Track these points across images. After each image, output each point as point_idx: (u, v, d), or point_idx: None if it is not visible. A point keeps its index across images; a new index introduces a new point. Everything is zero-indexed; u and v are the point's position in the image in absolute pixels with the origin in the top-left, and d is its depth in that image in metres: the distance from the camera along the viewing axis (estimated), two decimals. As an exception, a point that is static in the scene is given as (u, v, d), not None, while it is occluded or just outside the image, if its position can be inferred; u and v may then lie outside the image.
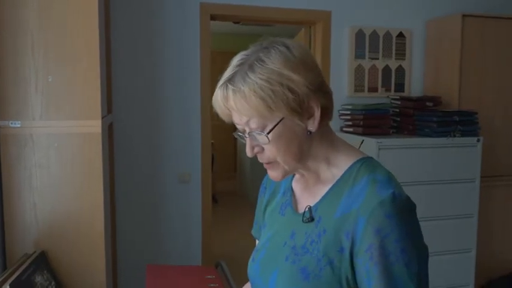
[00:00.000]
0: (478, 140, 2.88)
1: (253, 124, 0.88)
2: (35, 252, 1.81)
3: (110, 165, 2.69)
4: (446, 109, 3.02)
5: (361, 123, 2.91)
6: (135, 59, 2.82)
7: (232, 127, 0.95)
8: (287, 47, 0.88)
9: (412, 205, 0.86)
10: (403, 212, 0.83)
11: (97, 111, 1.87)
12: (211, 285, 1.57)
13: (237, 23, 5.00)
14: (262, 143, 0.90)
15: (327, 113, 0.92)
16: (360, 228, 0.83)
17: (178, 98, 2.91)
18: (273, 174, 0.95)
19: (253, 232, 1.17)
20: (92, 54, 1.85)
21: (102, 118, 1.91)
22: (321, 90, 0.90)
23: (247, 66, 0.87)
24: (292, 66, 0.86)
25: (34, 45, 1.80)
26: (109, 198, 2.09)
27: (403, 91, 3.36)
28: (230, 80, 0.87)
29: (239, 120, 0.90)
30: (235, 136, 0.97)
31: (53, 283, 1.75)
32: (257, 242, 1.16)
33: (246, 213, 5.56)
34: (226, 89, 0.87)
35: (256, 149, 0.92)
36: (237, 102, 0.86)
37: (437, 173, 2.82)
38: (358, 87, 3.26)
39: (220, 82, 0.89)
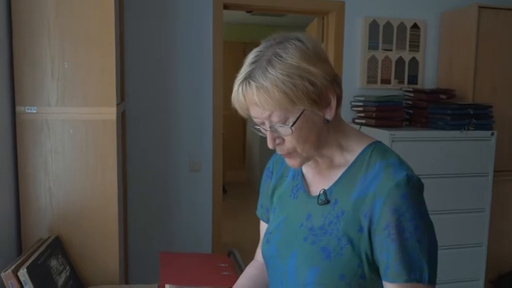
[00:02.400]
0: (492, 134, 2.86)
1: (275, 117, 0.91)
2: (49, 237, 1.83)
3: (122, 153, 2.70)
4: (460, 102, 2.99)
5: (374, 115, 2.90)
6: (148, 47, 2.82)
7: (242, 118, 0.97)
8: (301, 41, 0.92)
9: (422, 185, 0.94)
10: (415, 192, 0.92)
11: (112, 99, 1.88)
12: (225, 273, 1.58)
13: (250, 12, 4.98)
14: (284, 134, 0.94)
15: (340, 101, 0.97)
16: (377, 208, 0.91)
17: (190, 87, 2.92)
18: (292, 162, 1.00)
19: (258, 213, 1.23)
20: (107, 41, 1.85)
21: (117, 105, 1.92)
22: (335, 80, 0.96)
23: (265, 61, 0.90)
24: (309, 60, 0.90)
25: (50, 32, 1.81)
26: (122, 185, 2.10)
27: (416, 83, 3.33)
28: (250, 76, 0.90)
29: (260, 115, 0.93)
30: (253, 130, 1.00)
31: (67, 268, 1.78)
32: (261, 222, 1.22)
33: (255, 203, 5.57)
34: (248, 85, 0.90)
35: (277, 141, 0.96)
36: (260, 98, 0.89)
37: (450, 166, 2.80)
38: (370, 79, 3.24)
39: (240, 79, 0.92)
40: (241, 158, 7.16)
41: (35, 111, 1.83)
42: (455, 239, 2.77)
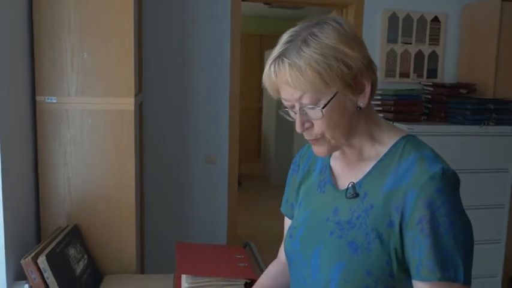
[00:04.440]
0: (513, 129, 2.80)
1: (306, 99, 0.88)
2: (68, 226, 1.85)
3: (140, 144, 2.72)
4: (480, 97, 2.94)
5: (392, 108, 2.87)
6: (166, 39, 2.83)
7: (258, 110, 0.95)
8: (339, 23, 0.89)
9: (458, 180, 0.89)
10: (451, 186, 0.86)
11: (130, 89, 1.89)
12: (241, 264, 1.58)
13: (268, 4, 4.95)
14: (313, 118, 0.91)
15: (374, 89, 0.93)
16: (410, 202, 0.86)
17: (208, 80, 2.92)
18: (319, 149, 0.96)
19: (282, 209, 1.18)
20: (126, 32, 1.86)
21: (135, 96, 1.93)
22: (371, 66, 0.92)
23: (300, 41, 0.87)
24: (346, 42, 0.87)
25: (71, 23, 1.82)
26: (139, 176, 2.12)
27: (436, 77, 3.28)
28: (284, 54, 0.87)
29: (290, 96, 0.90)
30: (281, 113, 0.97)
31: (85, 256, 1.80)
32: (286, 219, 1.17)
33: (270, 196, 5.58)
34: (281, 63, 0.87)
35: (306, 125, 0.92)
36: (293, 76, 0.86)
37: (469, 161, 2.76)
38: (389, 72, 3.20)
39: (273, 57, 0.89)
40: (256, 150, 7.16)
41: (55, 101, 1.85)
42: (474, 235, 2.73)
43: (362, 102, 0.91)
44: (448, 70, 3.32)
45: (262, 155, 6.79)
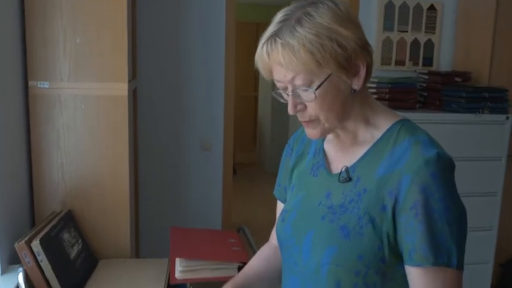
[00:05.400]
0: (507, 118, 2.81)
1: (299, 80, 0.87)
2: (62, 211, 1.85)
3: (134, 131, 2.72)
4: (476, 85, 2.94)
5: (387, 96, 2.87)
6: (160, 26, 2.81)
7: (253, 99, 0.93)
8: (334, 3, 0.87)
9: (453, 165, 0.88)
10: (446, 171, 0.86)
11: (123, 74, 1.88)
12: (235, 248, 1.59)
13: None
14: (306, 100, 0.89)
15: (369, 72, 0.91)
16: (404, 186, 0.85)
17: (203, 67, 2.90)
18: (311, 132, 0.95)
19: (275, 193, 1.17)
20: (119, 17, 1.84)
21: (129, 82, 1.92)
22: (366, 48, 0.90)
23: (294, 20, 0.85)
24: (341, 22, 0.85)
25: (63, 7, 1.80)
26: (133, 162, 2.11)
27: (431, 65, 3.27)
28: (277, 34, 0.86)
29: (283, 77, 0.88)
30: (274, 95, 0.95)
31: (79, 241, 1.80)
32: (278, 203, 1.17)
33: (265, 184, 5.59)
34: (274, 43, 0.86)
35: (299, 107, 0.91)
36: (285, 56, 0.84)
37: (463, 149, 2.76)
38: (385, 60, 3.19)
39: (265, 36, 0.88)
40: (252, 139, 7.15)
41: (47, 87, 1.84)
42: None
43: (356, 84, 0.90)
44: (443, 58, 3.31)
45: (258, 143, 6.79)
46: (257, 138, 6.86)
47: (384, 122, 0.94)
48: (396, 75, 3.05)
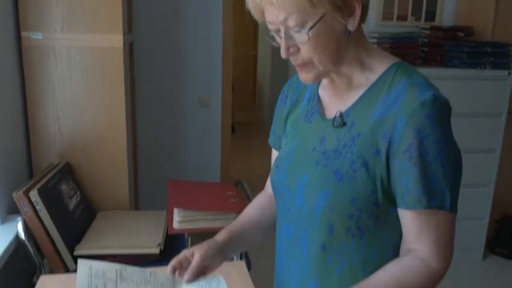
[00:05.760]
0: (510, 74, 2.77)
1: (292, 21, 0.83)
2: (59, 163, 1.85)
3: (131, 85, 2.69)
4: (478, 40, 2.89)
5: (388, 51, 2.81)
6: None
7: (253, 58, 0.89)
8: None
9: (450, 108, 0.86)
10: (442, 114, 0.84)
11: (118, 26, 1.83)
12: (232, 200, 1.60)
13: None
14: (299, 42, 0.86)
15: (365, 12, 0.88)
16: (398, 129, 0.84)
17: (200, 22, 2.84)
18: (305, 76, 0.92)
19: (270, 141, 1.16)
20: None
21: (124, 34, 1.88)
22: None
23: None
24: None
25: (53, -47, 1.74)
26: (130, 115, 2.10)
27: (434, 20, 3.20)
28: None
29: (275, 18, 0.85)
30: (268, 39, 0.92)
31: (78, 193, 1.81)
32: (273, 151, 1.15)
33: (264, 143, 5.58)
34: None
35: (292, 49, 0.88)
36: None
37: (463, 105, 2.74)
38: (386, 15, 3.11)
39: None
40: (251, 98, 7.11)
41: (40, 38, 1.80)
42: (464, 177, 2.75)
43: (352, 25, 0.86)
44: (446, 13, 3.23)
45: (257, 102, 6.75)
46: (256, 98, 6.82)
47: (379, 65, 0.91)
48: (398, 30, 2.98)
